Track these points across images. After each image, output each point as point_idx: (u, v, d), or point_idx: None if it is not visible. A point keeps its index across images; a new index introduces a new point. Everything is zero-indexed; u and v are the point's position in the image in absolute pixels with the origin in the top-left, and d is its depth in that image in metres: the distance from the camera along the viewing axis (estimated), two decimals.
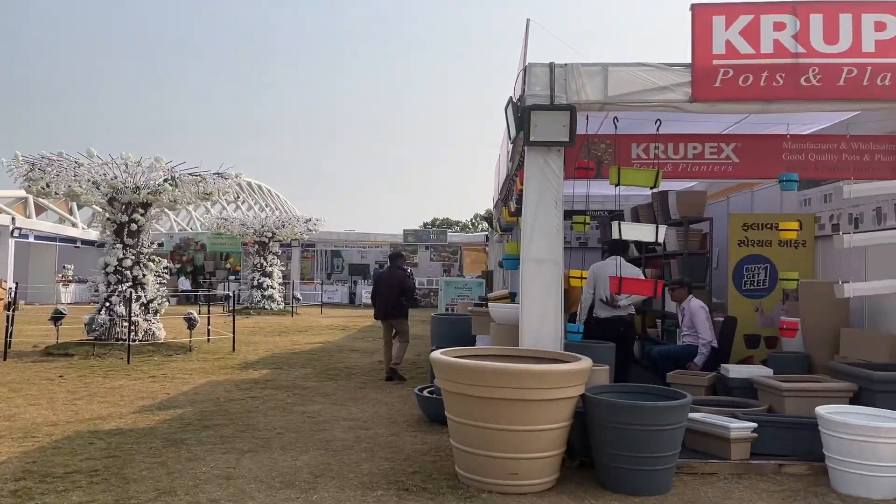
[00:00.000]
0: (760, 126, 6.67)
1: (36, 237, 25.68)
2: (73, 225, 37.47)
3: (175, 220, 36.84)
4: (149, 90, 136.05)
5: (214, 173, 12.36)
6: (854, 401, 5.54)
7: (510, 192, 8.98)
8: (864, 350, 6.54)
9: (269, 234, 23.81)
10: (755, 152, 6.49)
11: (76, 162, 11.41)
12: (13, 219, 24.58)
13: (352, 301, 29.11)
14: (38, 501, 4.38)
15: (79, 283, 26.76)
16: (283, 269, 25.20)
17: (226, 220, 25.77)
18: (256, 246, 24.07)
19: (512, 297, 8.93)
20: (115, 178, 11.63)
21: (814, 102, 5.66)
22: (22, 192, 38.30)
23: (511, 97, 6.03)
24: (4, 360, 10.81)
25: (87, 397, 7.99)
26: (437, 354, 5.06)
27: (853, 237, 6.08)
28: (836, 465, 4.80)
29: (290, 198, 57.54)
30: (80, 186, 11.44)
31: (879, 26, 5.52)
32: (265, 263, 23.79)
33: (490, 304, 7.54)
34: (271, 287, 23.62)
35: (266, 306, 23.14)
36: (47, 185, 11.48)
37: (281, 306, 23.69)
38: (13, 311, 11.75)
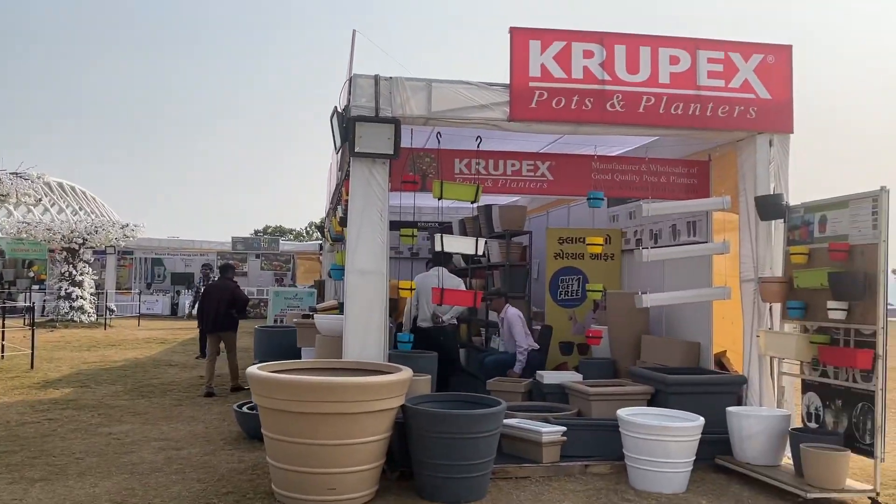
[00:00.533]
0: (573, 146, 7.10)
1: None
2: None
3: None
4: None
5: (12, 173, 11.19)
6: (651, 403, 6.03)
7: (339, 202, 8.91)
8: (661, 355, 7.15)
9: (80, 240, 21.92)
10: (567, 171, 6.90)
11: None
12: None
13: (174, 312, 27.47)
14: None
15: None
16: (95, 277, 23.28)
17: (28, 223, 23.39)
18: (65, 253, 22.06)
19: (341, 308, 8.84)
20: None
21: (618, 126, 6.13)
22: None
23: (336, 107, 5.99)
24: None
25: None
26: (253, 370, 4.88)
27: (651, 252, 6.64)
28: (633, 463, 5.19)
29: (108, 201, 53.44)
30: None
31: (674, 60, 6.08)
32: (74, 272, 21.84)
33: (316, 315, 7.41)
34: (81, 297, 21.70)
35: (75, 318, 21.22)
36: None
37: (93, 318, 21.83)
38: None
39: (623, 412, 5.37)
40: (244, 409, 6.78)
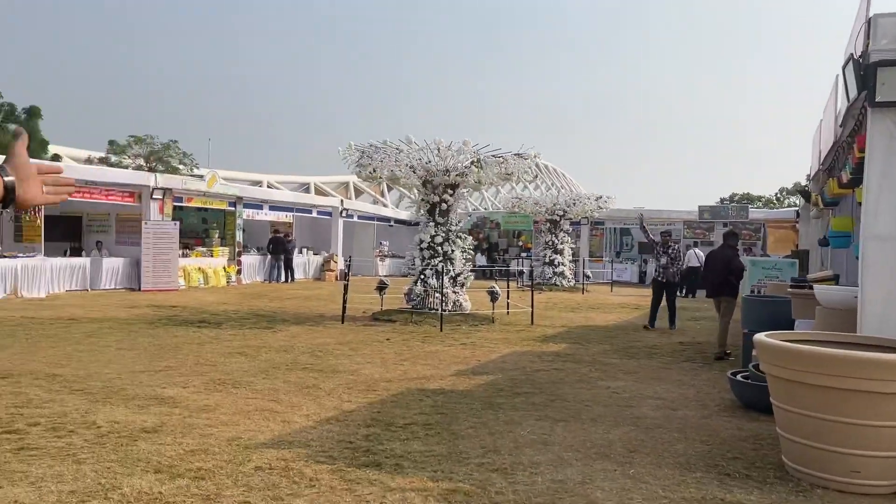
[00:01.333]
0: None
1: (359, 217, 29.13)
2: (385, 206, 41.83)
3: (469, 200, 39.24)
4: (461, 77, 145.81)
5: (514, 154, 12.89)
6: None
7: (840, 161, 8.04)
8: None
9: (561, 213, 24.24)
10: None
11: (397, 148, 12.73)
12: (342, 201, 28.18)
13: (641, 280, 28.47)
14: (386, 446, 5.02)
15: (392, 258, 29.85)
16: (573, 246, 25.53)
17: (519, 199, 26.78)
18: (548, 224, 24.67)
19: (836, 280, 8.03)
20: (429, 161, 12.75)
21: None
22: (343, 178, 44.01)
23: (851, 54, 5.38)
24: (342, 322, 12.51)
25: (411, 359, 8.91)
26: (763, 338, 4.75)
27: None
28: None
29: (577, 177, 57.93)
30: (400, 171, 12.74)
31: None
32: (556, 241, 24.30)
33: (816, 286, 6.86)
34: (562, 264, 24.08)
35: (557, 283, 23.67)
36: (374, 171, 12.97)
37: (571, 283, 24.05)
38: (347, 281, 13.51)
39: None
40: (738, 377, 6.68)
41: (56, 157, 24.67)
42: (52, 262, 16.74)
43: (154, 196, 18.69)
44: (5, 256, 15.81)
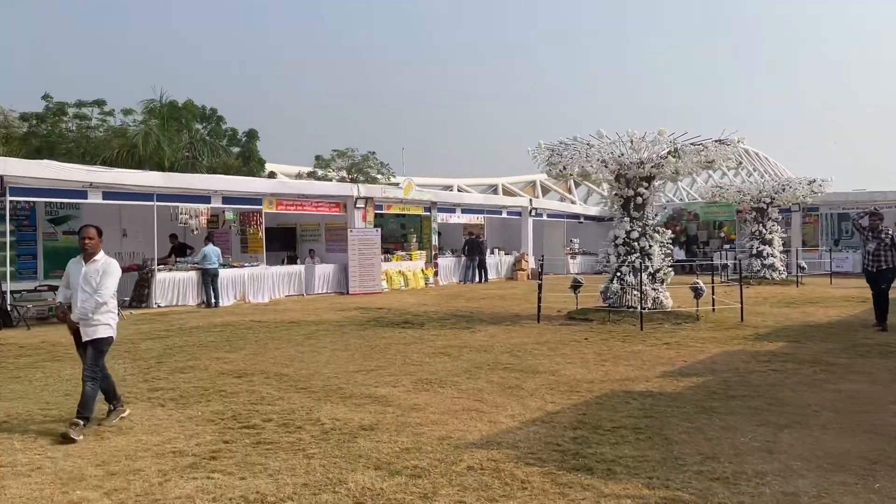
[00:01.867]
0: None
1: (548, 215, 29.03)
2: (573, 202, 41.36)
3: (662, 192, 37.61)
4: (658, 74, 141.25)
5: (716, 140, 12.13)
6: None
7: None
8: None
9: (768, 200, 22.47)
10: None
11: (587, 144, 12.50)
12: (530, 200, 28.25)
13: None
14: (595, 450, 4.91)
15: (583, 255, 29.40)
16: (783, 235, 23.55)
17: (720, 187, 25.21)
18: (753, 213, 22.98)
19: None
20: (622, 154, 12.36)
21: None
22: (530, 177, 44.11)
23: None
24: (538, 322, 12.50)
25: (612, 359, 8.68)
26: None
27: None
28: None
29: (781, 160, 53.52)
30: (592, 166, 12.49)
31: None
32: (764, 231, 22.56)
33: None
34: (772, 255, 22.30)
35: (767, 276, 21.97)
36: (563, 168, 12.83)
37: (783, 276, 22.19)
38: (541, 280, 13.48)
39: None
40: None
41: (272, 175, 27.14)
42: (273, 270, 18.43)
43: (357, 205, 19.93)
44: (234, 266, 17.65)
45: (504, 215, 27.04)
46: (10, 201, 13.50)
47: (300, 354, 9.36)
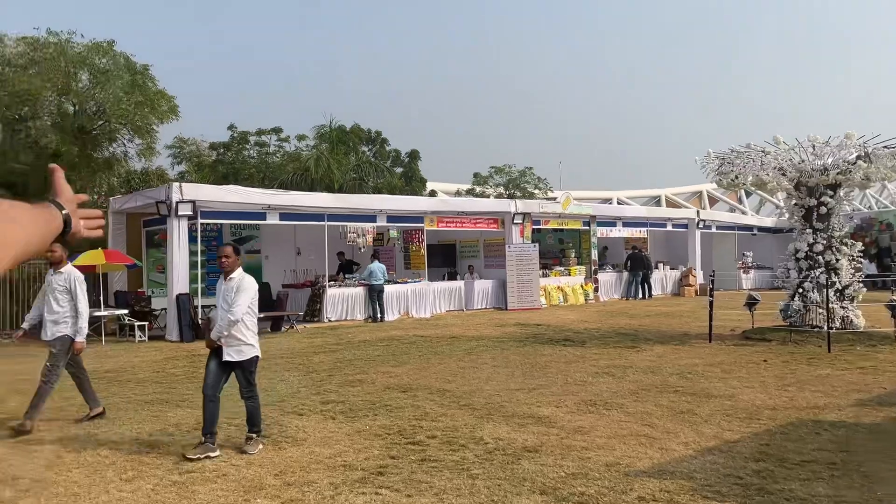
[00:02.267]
0: None
1: (717, 227, 27.46)
2: (743, 213, 38.84)
3: (848, 201, 34.35)
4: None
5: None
6: None
7: None
8: None
9: None
10: None
11: (762, 151, 11.65)
12: (697, 212, 26.88)
13: None
14: (782, 486, 4.48)
15: (757, 269, 27.48)
16: None
17: None
18: None
19: None
20: (802, 161, 11.40)
21: None
22: (695, 187, 42.02)
23: None
24: (710, 342, 11.77)
25: (795, 384, 7.96)
26: None
27: None
28: None
29: None
30: (767, 174, 11.61)
31: None
32: None
33: None
34: None
35: None
36: (736, 177, 12.04)
37: None
38: (712, 297, 12.70)
39: None
40: None
41: (433, 193, 27.88)
42: (434, 286, 18.84)
43: (515, 221, 19.93)
44: (399, 282, 18.23)
45: (669, 228, 25.89)
46: (201, 223, 14.80)
47: (461, 370, 9.43)
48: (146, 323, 14.52)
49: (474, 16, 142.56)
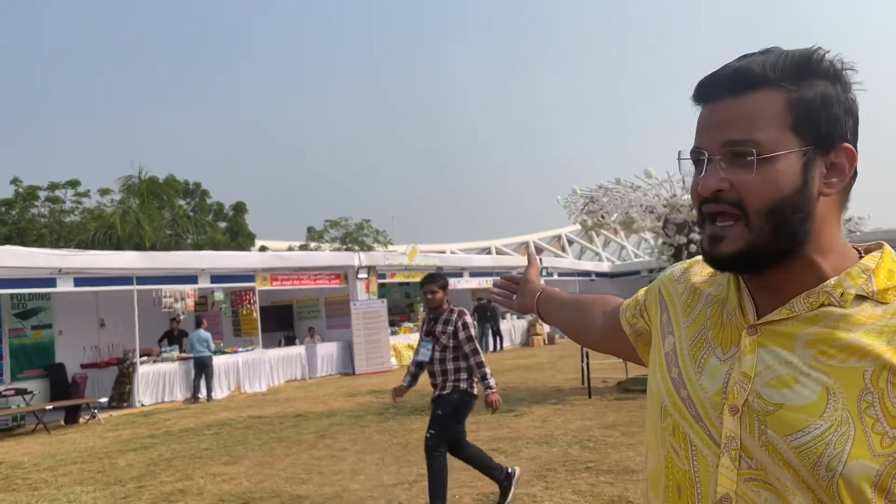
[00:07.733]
0: None
1: (559, 274, 27.40)
2: (596, 253, 39.95)
3: None
4: None
5: None
6: None
7: None
8: None
9: None
10: None
11: (631, 186, 10.91)
12: (540, 259, 26.66)
13: None
14: None
15: None
16: None
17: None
18: None
19: None
20: (674, 196, 10.76)
21: None
22: (521, 238, 42.84)
23: None
24: (589, 397, 10.62)
25: None
26: None
27: None
28: None
29: None
30: (636, 212, 10.87)
31: None
32: None
33: None
34: None
35: None
36: (602, 217, 11.22)
37: None
38: (586, 350, 11.68)
39: None
40: None
41: (263, 249, 25.46)
42: (270, 354, 16.49)
43: (359, 275, 18.19)
44: (226, 352, 15.72)
45: None
46: None
47: (317, 462, 7.45)
48: None
49: (296, 72, 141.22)
